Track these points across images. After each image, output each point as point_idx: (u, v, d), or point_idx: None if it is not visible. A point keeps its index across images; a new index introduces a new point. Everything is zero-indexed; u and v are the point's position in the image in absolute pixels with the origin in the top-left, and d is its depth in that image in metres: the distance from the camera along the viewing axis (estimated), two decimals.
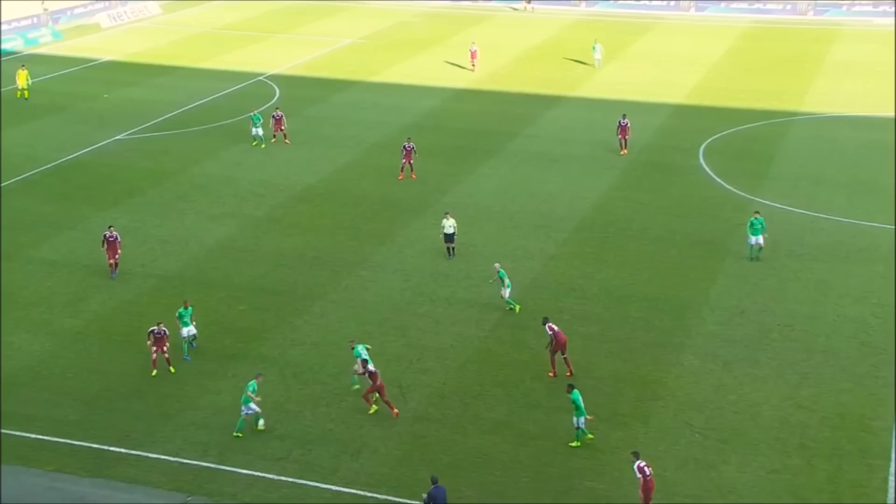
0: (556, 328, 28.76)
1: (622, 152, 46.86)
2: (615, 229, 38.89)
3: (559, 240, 37.96)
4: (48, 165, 46.62)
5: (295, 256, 36.75)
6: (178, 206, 41.90)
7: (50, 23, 78.86)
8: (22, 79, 58.13)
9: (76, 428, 26.92)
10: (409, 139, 44.71)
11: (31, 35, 74.65)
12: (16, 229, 39.52)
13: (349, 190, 43.45)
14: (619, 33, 73.57)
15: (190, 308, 30.18)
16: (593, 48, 63.81)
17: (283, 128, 49.29)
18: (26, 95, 58.03)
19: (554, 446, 25.93)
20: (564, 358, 28.77)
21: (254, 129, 48.97)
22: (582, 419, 25.73)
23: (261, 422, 26.59)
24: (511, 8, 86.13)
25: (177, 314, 30.16)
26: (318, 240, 38.18)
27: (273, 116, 49.55)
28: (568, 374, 28.70)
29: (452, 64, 65.11)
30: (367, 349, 28.25)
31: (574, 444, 25.85)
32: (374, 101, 57.30)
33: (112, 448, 26.04)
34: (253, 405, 26.34)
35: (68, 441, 26.39)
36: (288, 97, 58.17)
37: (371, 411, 27.18)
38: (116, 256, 34.88)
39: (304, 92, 59.28)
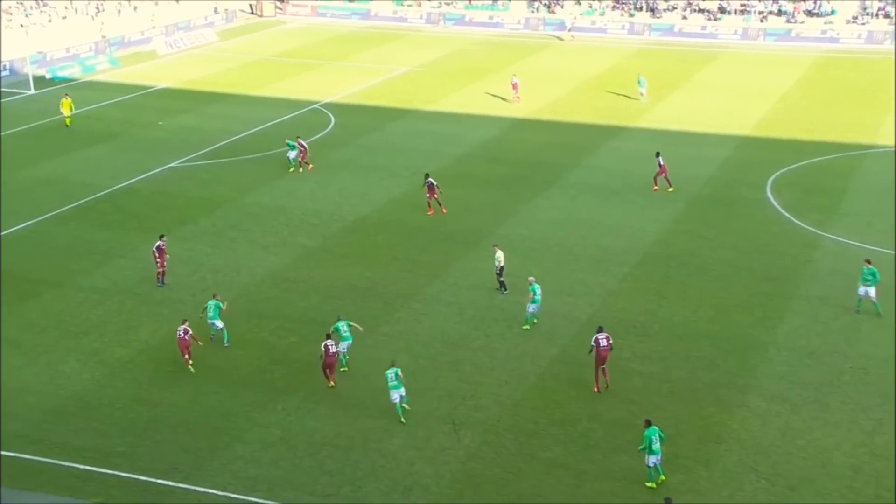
0: (602, 341, 29.17)
1: (669, 189, 46.31)
2: (678, 264, 38.51)
3: (619, 274, 37.69)
4: (102, 192, 47.56)
5: (347, 288, 36.94)
6: (230, 234, 42.43)
7: (107, 50, 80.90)
8: (66, 107, 59.28)
9: (124, 459, 27.21)
10: (427, 175, 44.77)
11: (90, 62, 76.62)
12: (68, 256, 40.32)
13: (403, 221, 43.63)
14: (684, 62, 73.28)
15: (218, 301, 32.80)
16: (638, 81, 62.97)
17: (304, 158, 49.91)
18: (67, 122, 59.25)
19: (612, 488, 25.57)
20: (602, 369, 29.31)
21: (290, 154, 50.00)
22: (654, 458, 25.32)
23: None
24: (557, 38, 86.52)
25: (204, 307, 32.95)
26: (371, 271, 38.36)
27: (297, 144, 50.28)
28: (596, 389, 29.23)
29: (509, 93, 65.31)
30: (350, 325, 31.16)
31: (649, 484, 25.46)
32: (429, 130, 57.65)
33: (159, 481, 26.26)
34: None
35: (116, 472, 26.68)
36: (343, 125, 58.80)
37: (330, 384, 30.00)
38: (165, 266, 37.07)
39: (360, 120, 59.86)
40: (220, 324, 32.67)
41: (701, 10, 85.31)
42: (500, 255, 36.06)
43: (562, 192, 46.80)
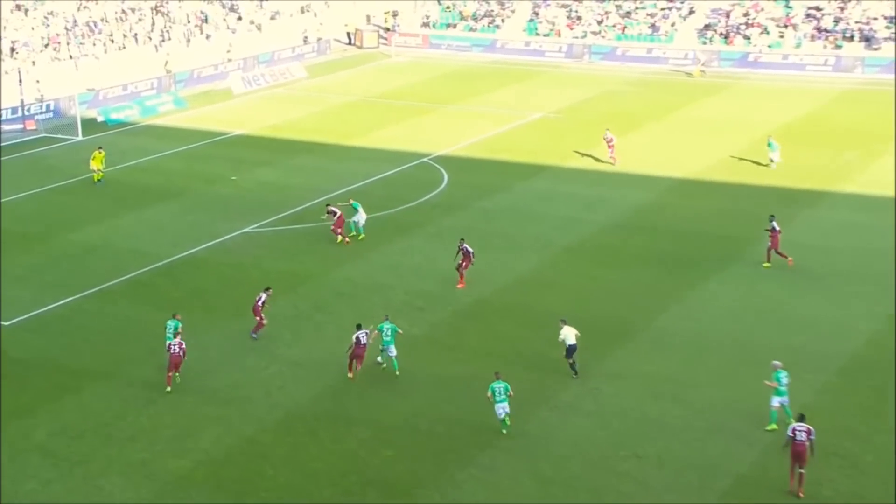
0: (800, 433, 30.52)
1: (789, 261, 46.22)
2: None
3: (817, 385, 36.79)
4: (159, 263, 48.94)
5: (460, 388, 36.98)
6: (314, 318, 43.08)
7: (173, 87, 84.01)
8: (97, 162, 61.04)
9: None
10: (462, 240, 45.64)
11: (150, 102, 79.71)
12: (116, 342, 41.38)
13: (531, 306, 43.66)
14: None
15: (178, 321, 38.34)
16: (769, 144, 61.19)
17: (340, 228, 50.72)
18: (96, 178, 61.03)
19: None
20: (799, 473, 30.61)
21: (356, 218, 51.22)
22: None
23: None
24: (686, 74, 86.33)
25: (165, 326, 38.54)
26: (489, 369, 38.28)
27: (327, 211, 51.40)
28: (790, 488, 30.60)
29: (671, 146, 65.20)
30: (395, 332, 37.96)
31: None
32: (568, 192, 57.87)
33: None
34: None
35: None
36: (458, 184, 59.52)
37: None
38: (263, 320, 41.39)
39: (480, 178, 60.54)
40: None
41: None
42: (567, 331, 37.22)
43: (739, 275, 46.24)
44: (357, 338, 37.48)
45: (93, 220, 55.10)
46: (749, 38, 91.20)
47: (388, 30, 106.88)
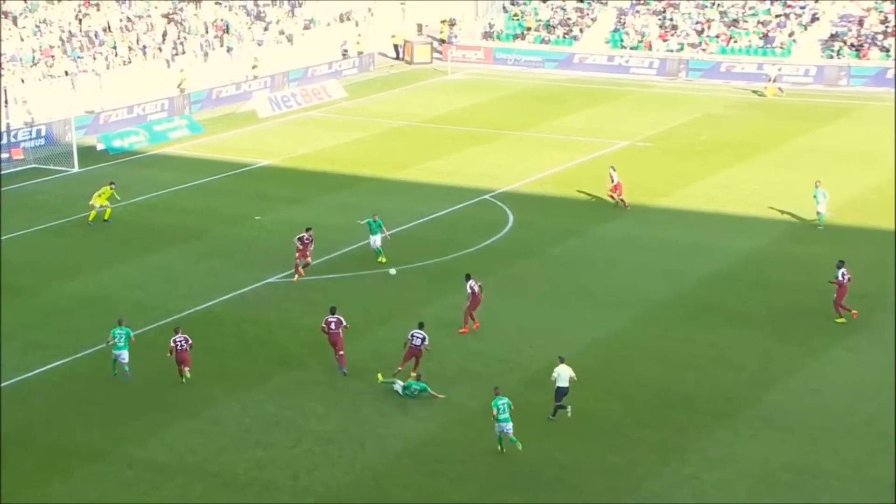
0: None
1: (854, 313, 46.36)
2: None
3: None
4: (168, 319, 48.82)
5: (527, 476, 36.62)
6: (351, 387, 42.88)
7: (187, 109, 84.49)
8: (103, 198, 61.13)
9: None
10: (468, 276, 47.34)
11: (160, 127, 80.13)
12: (114, 415, 41.27)
13: (617, 374, 43.31)
14: None
15: (126, 329, 42.84)
16: (815, 196, 58.65)
17: (307, 256, 52.89)
18: (92, 217, 61.28)
19: None
20: None
21: (374, 239, 53.61)
22: None
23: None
24: (755, 93, 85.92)
25: (110, 334, 42.68)
26: (566, 451, 37.92)
27: (299, 240, 52.93)
28: None
29: (785, 182, 64.73)
30: None
31: None
32: (658, 238, 57.54)
33: None
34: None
35: None
36: (526, 225, 59.39)
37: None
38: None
39: (551, 219, 60.40)
40: (125, 356, 43.03)
41: None
42: (562, 370, 39.54)
43: (872, 341, 45.78)
44: (413, 335, 42.81)
45: (90, 268, 55.27)
46: (888, 51, 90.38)
47: (443, 41, 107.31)
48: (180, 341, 42.64)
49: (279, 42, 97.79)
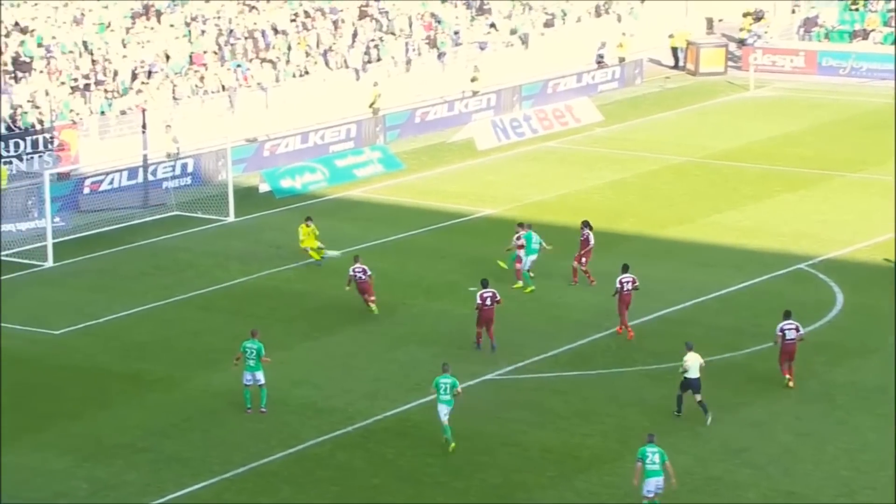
0: None
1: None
2: None
3: None
4: (349, 427, 49.16)
5: None
6: None
7: (381, 138, 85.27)
8: (309, 239, 64.55)
9: None
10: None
11: (344, 162, 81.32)
12: None
13: None
14: None
15: (258, 343, 49.42)
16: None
17: (369, 293, 58.76)
18: (317, 257, 64.62)
19: None
20: None
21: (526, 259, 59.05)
22: None
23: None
24: None
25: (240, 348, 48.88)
26: None
27: (353, 273, 58.14)
28: None
29: None
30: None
31: None
32: None
33: None
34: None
35: None
36: (860, 309, 58.78)
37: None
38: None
39: None
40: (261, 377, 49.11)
41: None
42: (691, 359, 47.24)
43: None
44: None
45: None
46: None
47: (742, 43, 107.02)
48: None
49: (509, 45, 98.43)
